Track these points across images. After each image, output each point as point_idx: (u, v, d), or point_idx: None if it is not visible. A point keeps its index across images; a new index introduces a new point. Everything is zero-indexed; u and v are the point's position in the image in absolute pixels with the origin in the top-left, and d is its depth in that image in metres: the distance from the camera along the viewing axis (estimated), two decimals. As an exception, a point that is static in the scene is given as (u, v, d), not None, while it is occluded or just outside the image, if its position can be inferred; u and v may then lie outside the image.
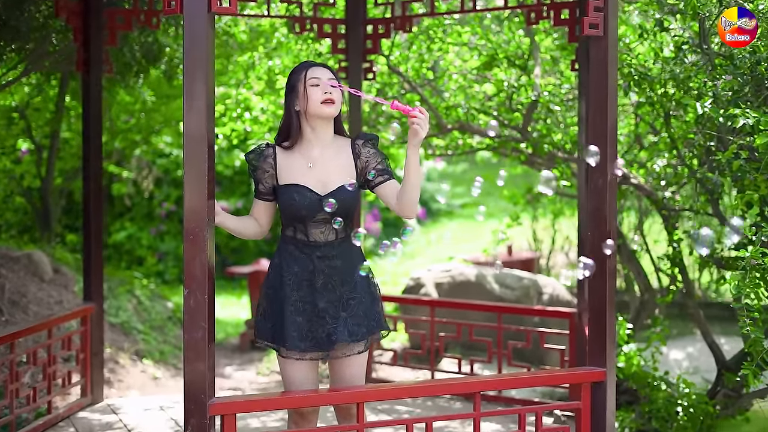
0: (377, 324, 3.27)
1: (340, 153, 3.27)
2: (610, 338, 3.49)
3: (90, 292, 4.98)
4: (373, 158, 3.26)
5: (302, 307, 3.20)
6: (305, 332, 3.19)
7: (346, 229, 3.27)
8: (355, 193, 3.22)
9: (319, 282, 3.20)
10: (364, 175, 3.26)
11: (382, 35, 5.32)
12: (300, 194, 3.19)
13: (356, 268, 3.25)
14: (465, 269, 6.97)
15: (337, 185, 3.21)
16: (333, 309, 3.20)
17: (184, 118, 2.94)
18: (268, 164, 3.26)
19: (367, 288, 3.27)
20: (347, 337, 3.17)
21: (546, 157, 5.62)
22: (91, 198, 4.94)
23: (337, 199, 3.17)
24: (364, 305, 3.24)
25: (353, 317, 3.20)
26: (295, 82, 3.24)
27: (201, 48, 2.91)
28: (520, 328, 5.09)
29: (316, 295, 3.19)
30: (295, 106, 3.24)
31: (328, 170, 3.23)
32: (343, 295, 3.21)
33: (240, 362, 7.31)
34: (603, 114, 3.45)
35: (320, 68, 3.24)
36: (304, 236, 3.23)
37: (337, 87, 3.22)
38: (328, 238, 3.23)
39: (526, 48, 5.88)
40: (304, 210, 3.18)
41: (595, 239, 3.48)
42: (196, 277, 2.93)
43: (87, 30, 4.88)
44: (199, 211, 2.93)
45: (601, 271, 3.47)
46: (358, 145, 3.28)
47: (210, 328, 2.97)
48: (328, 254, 3.22)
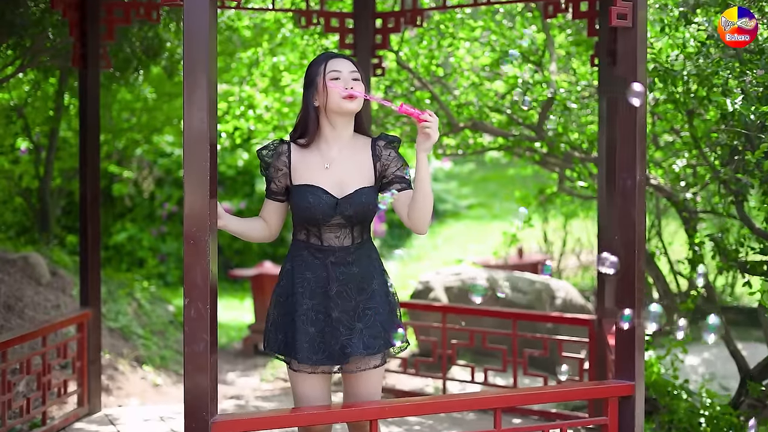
0: (396, 337, 3.03)
1: (360, 153, 3.05)
2: (639, 349, 3.28)
3: (87, 297, 4.77)
4: (394, 162, 3.04)
5: (315, 317, 2.98)
6: (318, 344, 2.97)
7: (363, 234, 3.06)
8: (374, 196, 3.01)
9: (334, 290, 2.98)
10: (384, 177, 3.04)
11: (392, 30, 5.11)
12: (315, 196, 2.97)
13: (374, 276, 3.03)
14: (475, 272, 6.75)
15: (354, 188, 3.00)
16: (348, 319, 2.98)
17: (184, 114, 2.73)
18: (282, 162, 3.04)
19: (385, 298, 3.05)
20: (362, 349, 2.95)
21: (562, 156, 5.40)
22: (89, 199, 4.72)
23: (354, 204, 2.96)
24: (382, 316, 3.01)
25: (369, 328, 2.98)
26: (314, 75, 3.01)
27: (202, 38, 2.70)
28: (536, 336, 4.86)
29: (330, 303, 2.97)
30: (314, 101, 3.01)
31: (346, 172, 3.01)
32: (359, 305, 2.99)
33: (243, 368, 7.10)
34: (632, 110, 3.23)
35: (341, 60, 3.01)
36: (318, 240, 3.02)
37: (360, 81, 3.01)
38: (343, 242, 3.01)
39: (540, 43, 5.66)
40: (319, 213, 2.96)
41: (623, 244, 3.27)
42: (198, 285, 2.72)
43: (84, 24, 4.66)
44: (200, 214, 2.72)
45: (629, 277, 3.26)
46: (379, 146, 3.05)
47: (212, 340, 2.75)
48: (344, 260, 3.00)
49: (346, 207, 2.96)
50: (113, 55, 5.56)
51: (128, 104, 8.88)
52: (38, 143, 7.95)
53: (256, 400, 5.73)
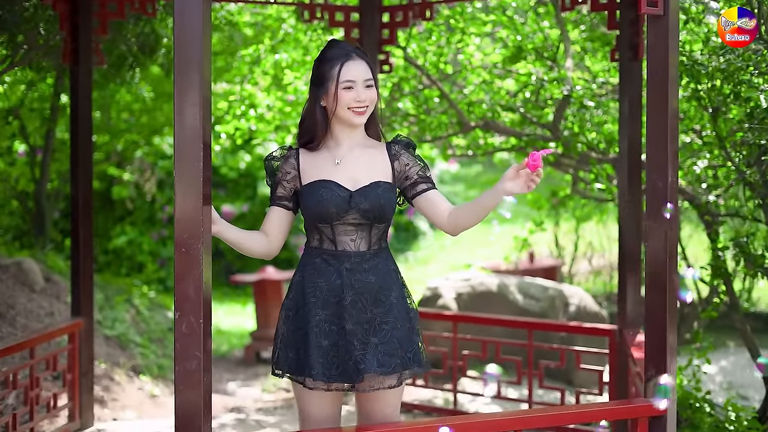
0: (414, 358, 2.76)
1: (373, 152, 2.83)
2: (672, 365, 3.02)
3: (79, 306, 4.52)
4: (414, 163, 2.82)
5: (328, 329, 2.72)
6: (331, 358, 2.71)
7: (381, 240, 2.81)
8: (391, 194, 2.77)
9: (348, 299, 2.72)
10: (406, 179, 2.81)
11: (400, 24, 4.86)
12: (327, 189, 2.73)
13: (392, 287, 2.77)
14: (486, 278, 6.49)
15: (369, 181, 2.76)
16: (362, 332, 2.71)
17: (175, 110, 2.47)
18: (291, 165, 2.81)
19: (405, 314, 2.79)
20: (376, 367, 2.68)
21: (578, 157, 5.14)
22: (80, 202, 4.48)
23: (370, 197, 2.72)
24: (400, 332, 2.74)
25: (385, 345, 2.71)
26: (325, 75, 2.76)
27: (195, 25, 2.45)
28: (552, 347, 4.60)
29: (344, 314, 2.71)
30: (321, 101, 2.78)
31: (358, 166, 2.79)
32: (375, 317, 2.73)
33: (244, 377, 6.84)
34: (663, 106, 2.98)
35: (358, 64, 2.76)
36: (332, 244, 2.76)
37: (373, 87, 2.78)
38: (359, 247, 2.76)
39: (555, 39, 5.40)
40: (332, 206, 2.71)
41: (652, 251, 3.02)
42: (189, 297, 2.47)
43: (75, 17, 4.42)
44: (192, 219, 2.47)
45: (661, 286, 3.01)
46: (396, 148, 2.84)
47: (206, 357, 2.50)
48: (359, 267, 2.74)
49: (360, 200, 2.73)
50: (107, 52, 5.31)
51: (127, 105, 8.65)
52: (34, 145, 7.72)
53: (257, 413, 5.48)
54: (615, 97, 5.64)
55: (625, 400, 3.78)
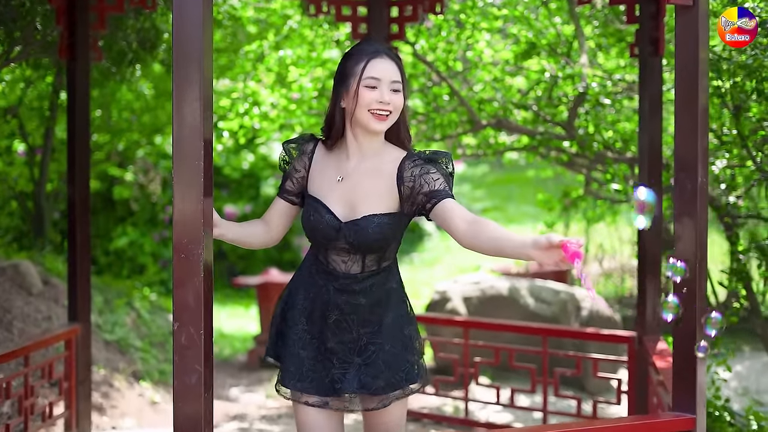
0: (407, 377, 2.58)
1: (383, 170, 2.54)
2: (701, 376, 2.84)
3: (76, 311, 4.34)
4: (419, 182, 2.48)
5: (309, 341, 2.59)
6: (306, 370, 2.57)
7: (381, 262, 2.59)
8: (388, 228, 2.51)
9: (332, 318, 2.56)
10: (412, 203, 2.52)
11: (409, 19, 4.67)
12: (317, 214, 2.54)
13: (387, 308, 2.58)
14: (496, 281, 6.31)
15: (363, 213, 2.51)
16: (344, 351, 2.56)
17: (173, 106, 2.30)
18: (302, 163, 2.62)
19: (397, 333, 2.59)
20: (356, 388, 2.52)
21: (593, 157, 4.96)
22: (77, 203, 4.30)
23: (360, 234, 2.49)
24: (389, 354, 2.56)
25: (369, 366, 2.54)
26: (348, 72, 2.52)
27: (195, 13, 2.28)
28: (568, 354, 4.42)
29: (327, 331, 2.57)
30: (342, 101, 2.55)
31: (360, 191, 2.54)
32: (361, 338, 2.57)
33: (247, 382, 6.66)
34: (692, 102, 2.80)
35: (386, 62, 2.51)
36: (324, 260, 2.60)
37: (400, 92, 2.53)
38: (350, 269, 2.57)
39: (569, 34, 5.22)
40: (319, 234, 2.55)
41: (681, 255, 2.84)
42: (189, 307, 2.29)
43: (72, 11, 4.25)
44: (192, 223, 2.29)
45: (690, 291, 2.83)
46: (404, 171, 2.51)
47: (207, 371, 2.33)
48: (349, 288, 2.56)
49: (349, 234, 2.51)
50: (106, 48, 5.14)
51: (128, 104, 8.47)
52: (33, 144, 7.55)
53: (261, 421, 5.30)
54: (630, 95, 5.47)
55: (651, 416, 3.58)
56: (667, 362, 3.63)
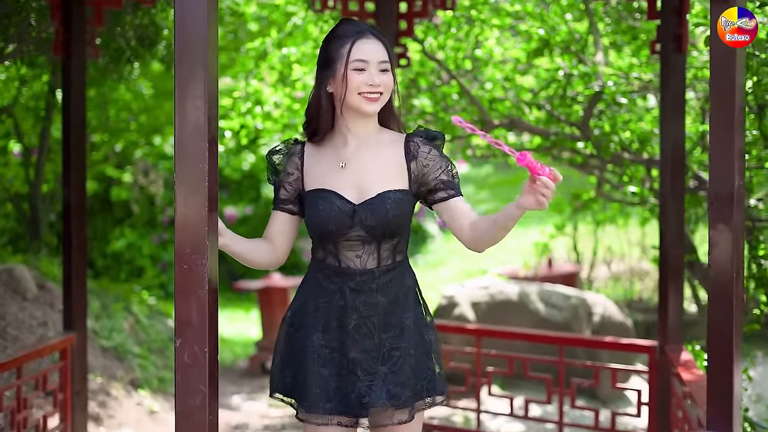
0: (428, 386, 2.41)
1: (386, 150, 2.42)
2: (738, 390, 2.66)
3: (71, 319, 4.15)
4: (436, 163, 2.40)
5: (329, 355, 2.38)
6: (332, 389, 2.36)
7: (396, 254, 2.42)
8: (404, 204, 2.37)
9: (352, 323, 2.36)
10: (422, 184, 2.40)
11: (418, 14, 4.49)
12: (326, 202, 2.36)
13: (406, 308, 2.40)
14: (505, 286, 6.13)
15: (376, 192, 2.36)
16: (368, 361, 2.36)
17: (175, 103, 2.11)
18: (294, 164, 2.44)
19: (418, 335, 2.42)
20: (385, 399, 2.33)
21: (609, 158, 4.78)
22: (73, 207, 4.11)
23: (377, 212, 2.33)
24: (413, 359, 2.38)
25: (396, 374, 2.35)
26: (333, 55, 2.37)
27: (200, 2, 2.09)
28: (586, 364, 4.23)
29: (347, 341, 2.36)
30: (328, 86, 2.39)
31: (367, 171, 2.39)
32: (383, 344, 2.37)
33: (249, 390, 6.48)
34: (729, 100, 2.62)
35: (370, 42, 2.37)
36: (335, 260, 2.40)
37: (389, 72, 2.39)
38: (366, 264, 2.38)
39: (583, 31, 5.04)
40: (332, 224, 2.35)
41: (715, 264, 2.66)
42: (192, 323, 2.10)
43: (67, 6, 4.06)
44: (196, 231, 2.10)
45: (727, 301, 2.65)
46: (415, 142, 2.41)
47: (212, 392, 2.14)
48: (366, 287, 2.37)
49: (365, 215, 2.34)
50: (104, 45, 4.96)
51: (126, 104, 8.29)
52: (29, 145, 7.37)
53: (264, 430, 5.12)
54: (644, 94, 5.29)
55: None
56: (693, 374, 3.46)
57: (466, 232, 2.36)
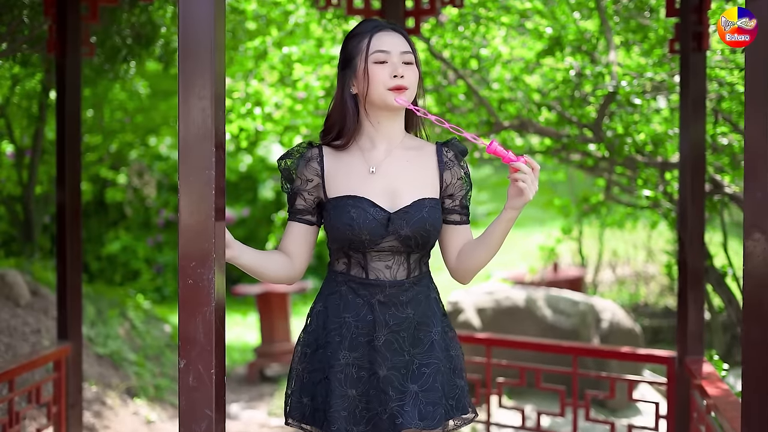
0: (457, 405, 2.27)
1: (417, 156, 2.28)
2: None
3: (66, 328, 3.98)
4: (465, 183, 2.31)
5: (356, 374, 2.21)
6: (360, 411, 2.20)
7: (422, 264, 2.28)
8: (438, 213, 2.25)
9: (382, 339, 2.21)
10: (445, 197, 2.30)
11: (426, 12, 4.33)
12: (359, 210, 2.19)
13: (433, 322, 2.26)
14: (510, 292, 5.97)
15: (411, 199, 2.22)
16: (399, 379, 2.20)
17: (179, 104, 1.95)
18: (312, 170, 2.27)
19: (446, 350, 2.28)
20: (418, 420, 2.17)
21: (622, 161, 4.63)
22: (67, 211, 3.94)
23: (413, 221, 2.19)
24: (443, 375, 2.24)
25: (426, 393, 2.20)
26: (352, 52, 2.25)
27: None
28: (601, 375, 4.08)
29: (377, 357, 2.20)
30: (351, 87, 2.25)
31: (399, 177, 2.24)
32: (413, 360, 2.22)
33: (248, 398, 6.31)
34: (765, 98, 2.47)
35: (390, 34, 2.24)
36: (362, 271, 2.24)
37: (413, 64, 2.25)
38: (396, 275, 2.23)
39: (595, 30, 4.88)
40: (365, 233, 2.19)
41: (749, 272, 2.50)
42: (198, 342, 1.94)
43: (61, 2, 3.89)
44: (201, 243, 1.94)
45: (763, 316, 2.49)
46: (449, 155, 2.29)
47: (219, 416, 1.98)
48: (396, 299, 2.22)
49: (401, 224, 2.20)
50: (99, 43, 4.79)
51: (121, 104, 8.12)
52: (22, 146, 7.19)
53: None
54: (655, 95, 5.14)
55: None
56: (718, 388, 3.30)
57: (453, 259, 2.31)
